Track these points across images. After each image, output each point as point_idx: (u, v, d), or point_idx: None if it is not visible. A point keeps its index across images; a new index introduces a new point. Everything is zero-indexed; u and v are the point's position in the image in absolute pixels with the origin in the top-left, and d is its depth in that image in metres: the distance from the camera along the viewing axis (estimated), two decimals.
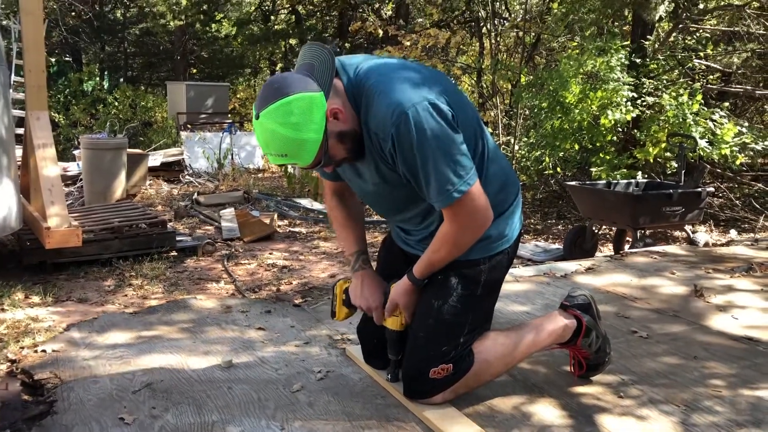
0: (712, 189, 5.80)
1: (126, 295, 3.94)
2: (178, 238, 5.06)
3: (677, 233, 5.95)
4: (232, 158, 9.44)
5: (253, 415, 2.05)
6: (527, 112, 8.30)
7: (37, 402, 2.11)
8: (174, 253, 4.89)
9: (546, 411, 2.10)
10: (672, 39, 7.51)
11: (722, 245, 5.22)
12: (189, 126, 11.66)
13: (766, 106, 8.63)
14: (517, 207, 2.13)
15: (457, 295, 2.03)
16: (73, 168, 8.25)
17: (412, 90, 1.83)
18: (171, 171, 9.17)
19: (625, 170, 6.12)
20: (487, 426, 1.98)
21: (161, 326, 2.85)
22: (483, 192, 1.90)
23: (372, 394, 2.21)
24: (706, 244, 5.13)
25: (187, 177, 8.92)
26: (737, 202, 6.74)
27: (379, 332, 2.26)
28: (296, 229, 6.08)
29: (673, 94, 6.30)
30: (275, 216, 6.27)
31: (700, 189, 4.92)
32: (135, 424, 1.98)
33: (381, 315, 2.13)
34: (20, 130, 5.61)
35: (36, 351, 2.59)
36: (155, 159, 9.03)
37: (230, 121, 12.47)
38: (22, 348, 2.71)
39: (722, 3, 7.62)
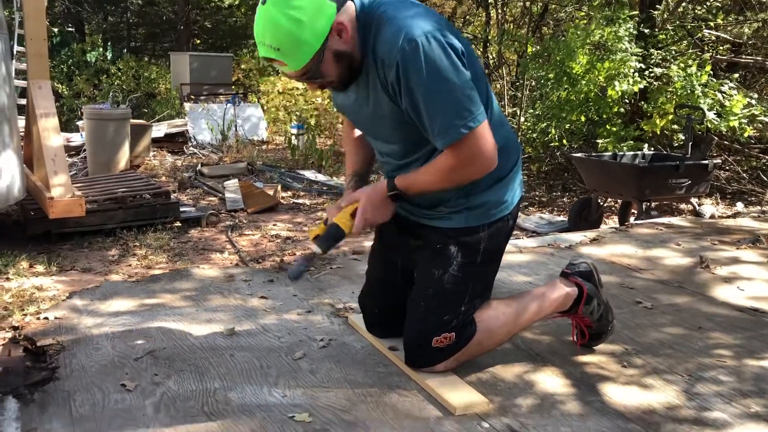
0: (719, 161, 5.74)
1: (130, 265, 3.95)
2: (182, 209, 5.06)
3: (683, 206, 5.91)
4: (236, 130, 9.39)
5: (255, 382, 2.05)
6: (533, 84, 8.21)
7: (40, 368, 2.11)
8: (178, 224, 4.89)
9: (549, 380, 2.10)
10: (681, 9, 7.38)
11: (728, 218, 5.18)
12: (192, 97, 11.59)
13: None
14: (517, 173, 2.08)
15: (457, 263, 2.00)
16: (76, 139, 8.23)
17: (424, 22, 1.76)
18: (175, 142, 9.14)
19: (631, 142, 6.07)
20: (489, 394, 1.97)
21: (164, 294, 2.85)
22: (491, 133, 1.82)
23: (374, 362, 2.20)
24: (712, 216, 5.10)
25: (191, 148, 8.89)
26: (744, 174, 6.68)
27: (380, 302, 2.25)
28: (300, 201, 6.07)
29: (682, 65, 6.21)
30: (279, 187, 6.25)
31: (706, 161, 4.88)
32: (137, 390, 1.98)
33: (335, 212, 2.02)
34: (23, 101, 5.59)
35: (39, 318, 2.59)
36: (159, 130, 9.00)
37: (234, 92, 12.38)
38: (26, 315, 2.72)
39: None
